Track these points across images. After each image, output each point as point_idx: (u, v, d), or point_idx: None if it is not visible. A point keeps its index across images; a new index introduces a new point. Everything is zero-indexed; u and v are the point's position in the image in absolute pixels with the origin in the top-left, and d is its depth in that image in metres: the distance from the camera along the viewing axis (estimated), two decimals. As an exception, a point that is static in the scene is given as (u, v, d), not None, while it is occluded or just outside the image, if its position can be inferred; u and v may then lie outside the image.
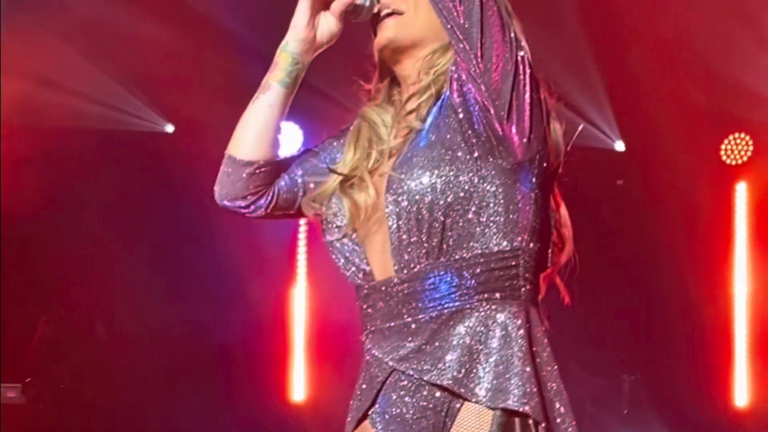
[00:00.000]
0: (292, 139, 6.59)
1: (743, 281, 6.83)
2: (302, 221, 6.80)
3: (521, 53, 2.41)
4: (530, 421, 2.39)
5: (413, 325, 2.45)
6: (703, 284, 6.76)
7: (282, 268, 6.99)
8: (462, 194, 2.42)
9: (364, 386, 2.55)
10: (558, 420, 2.44)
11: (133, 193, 6.75)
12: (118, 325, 7.02)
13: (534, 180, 2.46)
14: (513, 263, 2.44)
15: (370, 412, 2.53)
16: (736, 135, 6.83)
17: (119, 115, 6.65)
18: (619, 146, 6.98)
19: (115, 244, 6.76)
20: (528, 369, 2.40)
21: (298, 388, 7.03)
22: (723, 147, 6.88)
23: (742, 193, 6.88)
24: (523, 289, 2.45)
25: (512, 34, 2.40)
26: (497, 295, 2.43)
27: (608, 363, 6.93)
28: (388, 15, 2.57)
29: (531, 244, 2.47)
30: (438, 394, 2.44)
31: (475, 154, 2.43)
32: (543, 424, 2.40)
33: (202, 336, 6.90)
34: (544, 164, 2.48)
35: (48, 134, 6.37)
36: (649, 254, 6.79)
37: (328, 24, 2.60)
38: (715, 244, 6.81)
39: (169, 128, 6.91)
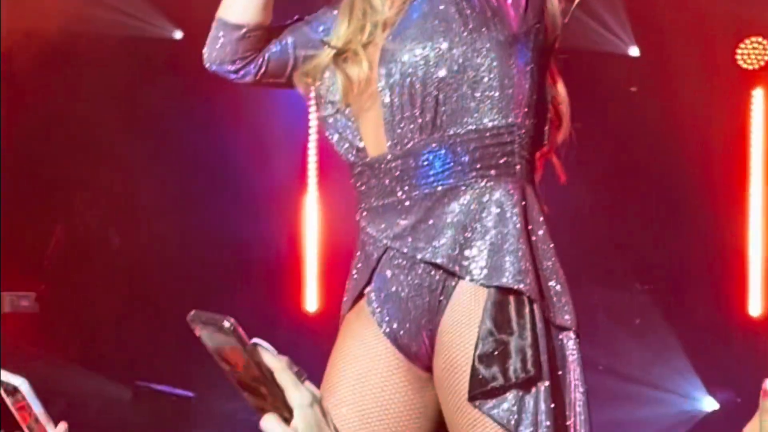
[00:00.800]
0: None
1: (759, 189, 6.78)
2: (312, 128, 6.76)
3: None
4: (525, 299, 2.36)
5: (407, 203, 2.42)
6: (718, 192, 6.71)
7: (293, 176, 6.97)
8: (455, 68, 2.37)
9: (359, 265, 2.53)
10: (554, 298, 2.41)
11: (144, 100, 6.72)
12: (132, 233, 7.02)
13: (530, 54, 2.41)
14: (508, 139, 2.40)
15: (366, 291, 2.50)
16: (753, 39, 6.73)
17: (126, 20, 6.60)
18: (633, 52, 6.89)
19: (128, 152, 6.74)
20: (523, 247, 2.36)
21: (311, 298, 7.03)
22: (739, 51, 6.77)
23: (759, 99, 6.80)
24: (518, 166, 2.41)
25: None
26: (492, 172, 2.39)
27: (621, 272, 6.91)
28: None
29: (527, 120, 2.42)
30: (433, 272, 2.41)
31: (470, 26, 2.38)
32: (538, 302, 2.38)
33: (213, 245, 6.90)
34: (541, 37, 2.43)
35: (52, 39, 6.33)
36: (663, 162, 6.74)
37: None
38: (731, 152, 6.75)
39: (178, 34, 6.85)
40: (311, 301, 7.12)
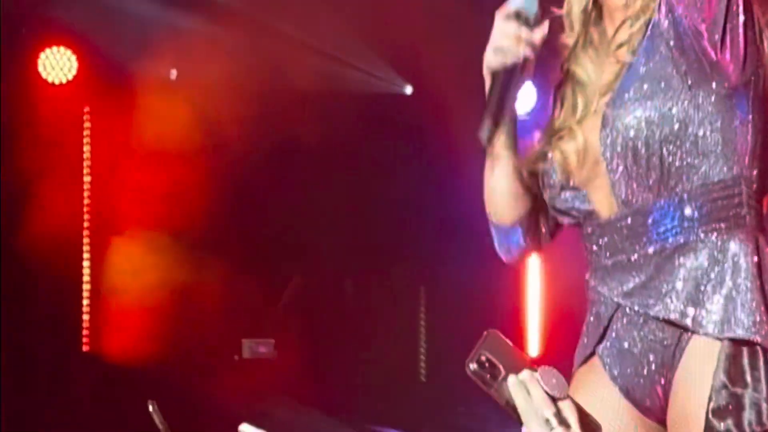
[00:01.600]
0: (526, 97, 6.54)
1: None
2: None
3: None
4: (759, 351, 2.36)
5: (637, 260, 2.45)
6: None
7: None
8: (677, 125, 2.39)
9: (590, 324, 2.56)
10: (790, 350, 2.39)
11: (376, 151, 6.90)
12: (365, 283, 7.20)
13: (750, 103, 2.41)
14: (735, 191, 2.40)
15: (597, 349, 2.54)
16: None
17: (363, 76, 6.80)
18: None
19: (361, 203, 6.93)
20: (757, 297, 2.36)
21: (533, 345, 7.06)
22: None
23: None
24: (748, 217, 2.41)
25: None
26: (722, 225, 2.40)
27: None
28: None
29: (753, 170, 2.42)
30: (665, 328, 2.43)
31: (689, 82, 2.39)
32: (773, 354, 2.37)
33: (438, 296, 7.01)
34: (760, 84, 2.43)
35: (288, 93, 6.55)
36: None
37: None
38: None
39: (408, 89, 7.02)
40: (533, 348, 7.14)
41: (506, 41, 2.41)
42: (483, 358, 1.71)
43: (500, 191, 2.57)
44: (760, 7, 2.43)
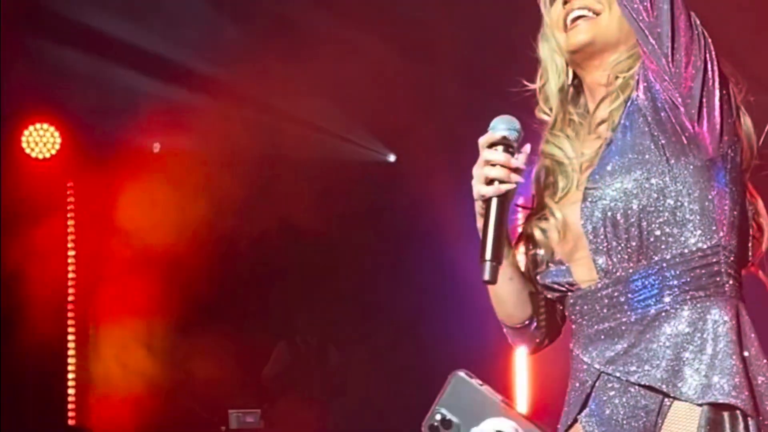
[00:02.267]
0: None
1: None
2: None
3: (709, 50, 2.41)
4: (739, 416, 2.39)
5: (619, 328, 2.49)
6: None
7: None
8: (655, 196, 2.44)
9: (573, 392, 2.59)
10: (769, 414, 2.43)
11: (359, 221, 6.93)
12: (349, 350, 7.20)
13: (727, 175, 2.47)
14: (714, 260, 2.45)
15: (580, 417, 2.56)
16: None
17: (344, 144, 6.88)
18: None
19: (346, 269, 6.95)
20: (736, 363, 2.40)
21: (521, 406, 7.06)
22: None
23: None
24: (726, 285, 2.46)
25: (699, 30, 2.41)
26: (701, 293, 2.44)
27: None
28: (581, 16, 2.53)
29: (731, 239, 2.47)
30: (648, 394, 2.46)
31: (667, 155, 2.45)
32: (754, 419, 2.40)
33: (426, 363, 7.01)
34: (738, 158, 2.49)
35: (273, 163, 6.60)
36: None
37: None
38: None
39: (391, 157, 7.10)
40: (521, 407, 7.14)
41: (497, 172, 2.43)
42: (438, 416, 1.70)
43: (505, 296, 2.59)
44: (736, 86, 2.49)
